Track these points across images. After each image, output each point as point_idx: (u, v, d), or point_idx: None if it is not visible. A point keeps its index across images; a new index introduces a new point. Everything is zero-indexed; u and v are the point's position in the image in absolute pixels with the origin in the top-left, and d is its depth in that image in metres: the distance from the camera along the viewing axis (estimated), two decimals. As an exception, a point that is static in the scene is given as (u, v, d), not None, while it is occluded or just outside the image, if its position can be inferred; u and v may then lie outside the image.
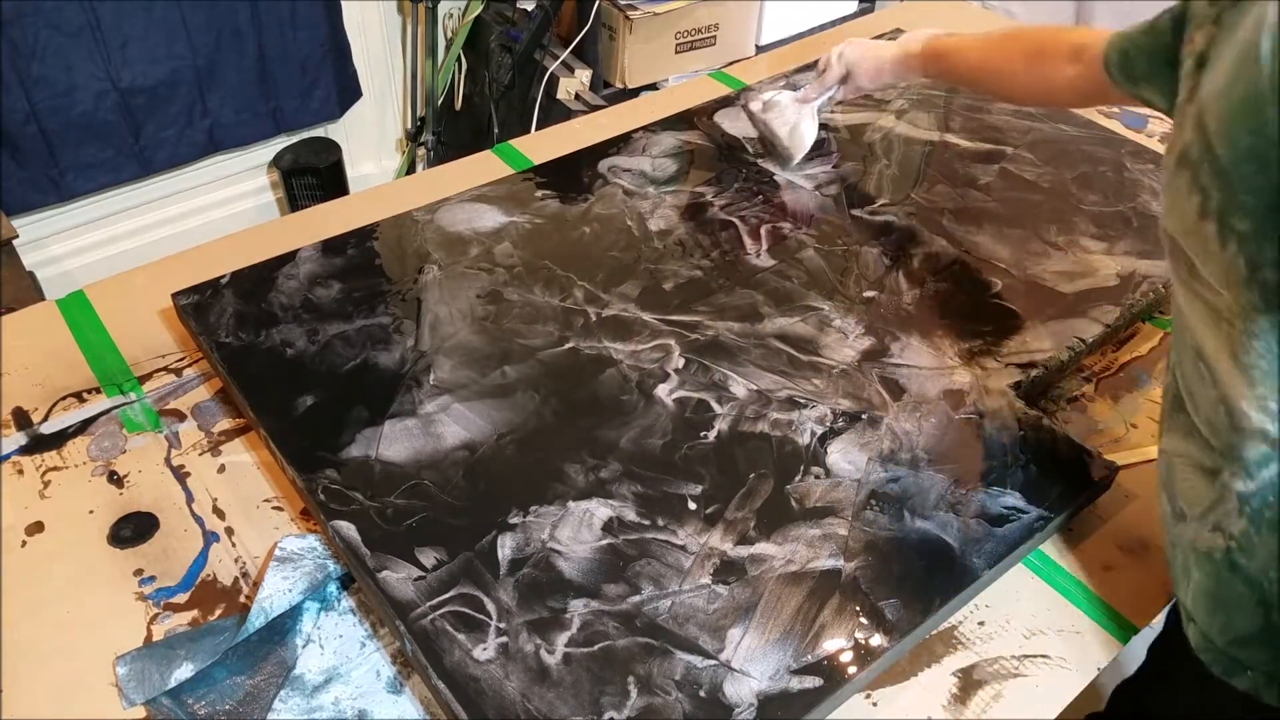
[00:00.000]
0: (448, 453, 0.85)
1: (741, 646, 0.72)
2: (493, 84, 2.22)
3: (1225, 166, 0.57)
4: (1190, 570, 0.69)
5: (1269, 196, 0.54)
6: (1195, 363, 0.64)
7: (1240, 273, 0.57)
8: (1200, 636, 0.70)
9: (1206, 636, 0.69)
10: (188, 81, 1.98)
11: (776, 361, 0.96)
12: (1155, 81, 0.80)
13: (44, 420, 0.94)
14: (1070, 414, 0.99)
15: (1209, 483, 0.66)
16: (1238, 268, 0.57)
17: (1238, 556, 0.64)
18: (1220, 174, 0.57)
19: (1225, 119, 0.56)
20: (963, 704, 0.75)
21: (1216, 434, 0.64)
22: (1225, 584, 0.66)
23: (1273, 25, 0.52)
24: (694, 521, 0.81)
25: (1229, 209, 0.57)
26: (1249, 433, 0.61)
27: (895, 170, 1.24)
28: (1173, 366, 0.69)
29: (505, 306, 1.01)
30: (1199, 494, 0.67)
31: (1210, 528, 0.66)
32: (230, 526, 0.85)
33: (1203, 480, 0.66)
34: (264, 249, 1.08)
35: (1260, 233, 0.56)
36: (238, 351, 0.94)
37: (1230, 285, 0.58)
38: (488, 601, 0.74)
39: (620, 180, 1.20)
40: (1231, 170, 0.56)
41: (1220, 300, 0.60)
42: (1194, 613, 0.70)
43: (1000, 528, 0.82)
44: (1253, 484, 0.62)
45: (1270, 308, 0.57)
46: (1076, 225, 1.15)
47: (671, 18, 2.00)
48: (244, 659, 0.75)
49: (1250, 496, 0.62)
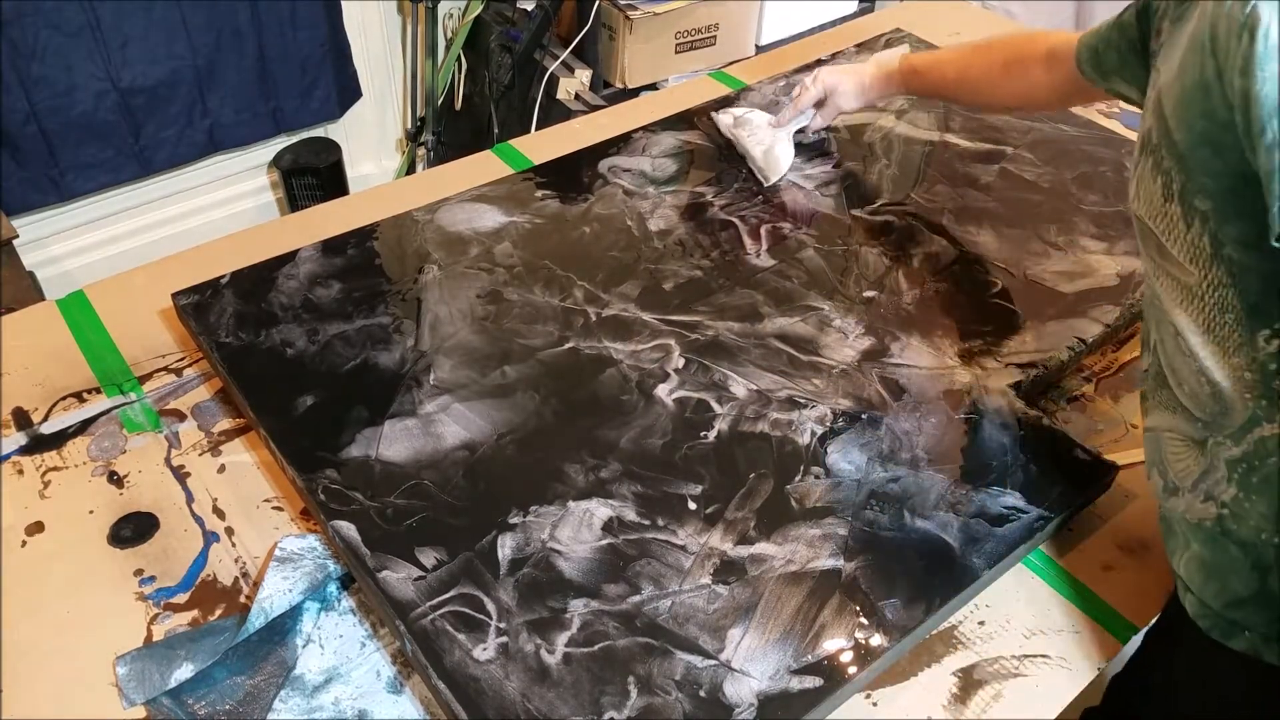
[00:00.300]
0: (448, 453, 0.85)
1: (741, 646, 0.72)
2: (493, 84, 2.22)
3: (1183, 151, 0.59)
4: (1186, 541, 0.70)
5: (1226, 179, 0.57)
6: (1174, 339, 0.66)
7: (1206, 250, 0.60)
8: (1197, 604, 0.71)
9: (1203, 602, 0.70)
10: (188, 81, 1.98)
11: (776, 361, 0.96)
12: (1125, 74, 0.83)
13: (44, 420, 0.94)
14: (1070, 414, 0.99)
15: (1198, 453, 0.67)
16: (1203, 246, 0.60)
17: (1230, 523, 0.65)
18: (1179, 158, 0.60)
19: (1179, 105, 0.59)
20: (963, 704, 0.75)
21: (1200, 405, 0.66)
22: (1219, 550, 0.67)
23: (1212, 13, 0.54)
24: (694, 521, 0.81)
25: (1190, 191, 0.59)
26: (1230, 401, 0.63)
27: (895, 170, 1.24)
28: (1153, 346, 0.71)
29: (505, 306, 1.01)
30: (1188, 466, 0.68)
31: (1202, 498, 0.67)
32: (230, 526, 0.85)
33: (1191, 452, 0.68)
34: (264, 249, 1.08)
35: (1220, 213, 0.58)
36: (238, 351, 0.94)
37: (1198, 263, 0.61)
38: (488, 601, 0.74)
39: (620, 180, 1.20)
40: (1189, 155, 0.59)
41: (1190, 277, 0.62)
42: (1190, 581, 0.71)
43: (1000, 528, 0.82)
44: (1238, 450, 0.64)
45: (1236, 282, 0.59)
46: (1076, 225, 1.15)
47: (671, 18, 2.00)
48: (244, 659, 0.75)
49: (1237, 462, 0.64)
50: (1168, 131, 0.60)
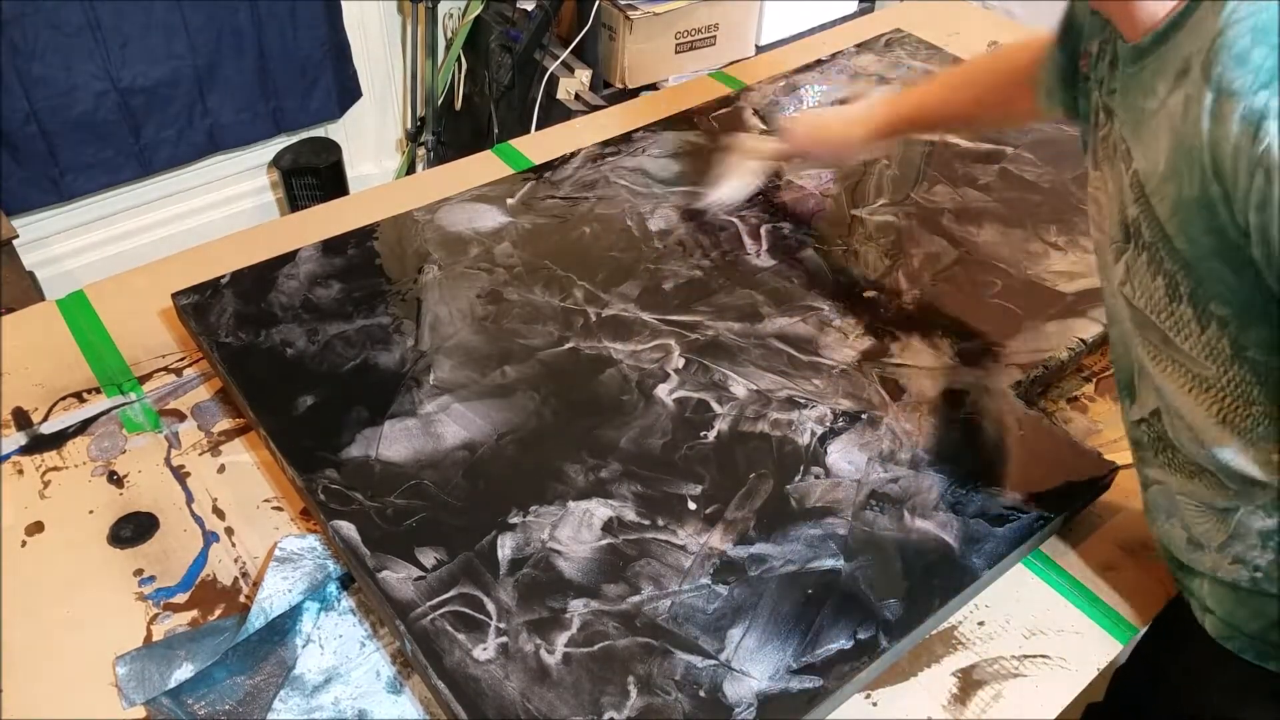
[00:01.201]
0: (448, 453, 0.85)
1: (741, 646, 0.72)
2: (493, 84, 2.22)
3: (1189, 260, 0.55)
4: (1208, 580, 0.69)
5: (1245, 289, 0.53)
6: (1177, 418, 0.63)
7: (1225, 352, 0.57)
8: (1222, 625, 0.69)
9: (1231, 625, 0.68)
10: (188, 81, 1.97)
11: (776, 361, 0.96)
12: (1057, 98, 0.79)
13: (44, 420, 0.93)
14: (1070, 414, 0.99)
15: (1224, 519, 0.65)
16: (1222, 348, 0.57)
17: (1265, 584, 0.64)
18: (1185, 265, 0.56)
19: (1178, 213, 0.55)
20: (963, 704, 0.75)
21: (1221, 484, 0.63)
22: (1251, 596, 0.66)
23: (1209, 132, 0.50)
24: (694, 521, 0.81)
25: (1204, 296, 0.56)
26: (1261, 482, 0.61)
27: (895, 170, 1.24)
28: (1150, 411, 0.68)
29: (505, 306, 1.01)
30: (1211, 529, 0.66)
31: (1230, 560, 0.66)
32: (230, 526, 0.85)
33: (1216, 517, 0.66)
34: (264, 249, 1.08)
35: (1242, 319, 0.55)
36: (238, 351, 0.94)
37: (1216, 361, 0.58)
38: (488, 601, 0.74)
39: (621, 180, 1.20)
40: (1197, 264, 0.55)
41: (1205, 371, 0.59)
42: (1215, 605, 0.69)
43: (1000, 528, 0.82)
44: (1271, 521, 0.62)
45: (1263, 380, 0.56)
46: (1076, 225, 1.15)
47: (671, 18, 2.00)
48: (244, 659, 0.75)
49: (1273, 533, 0.62)
50: (1165, 235, 0.56)
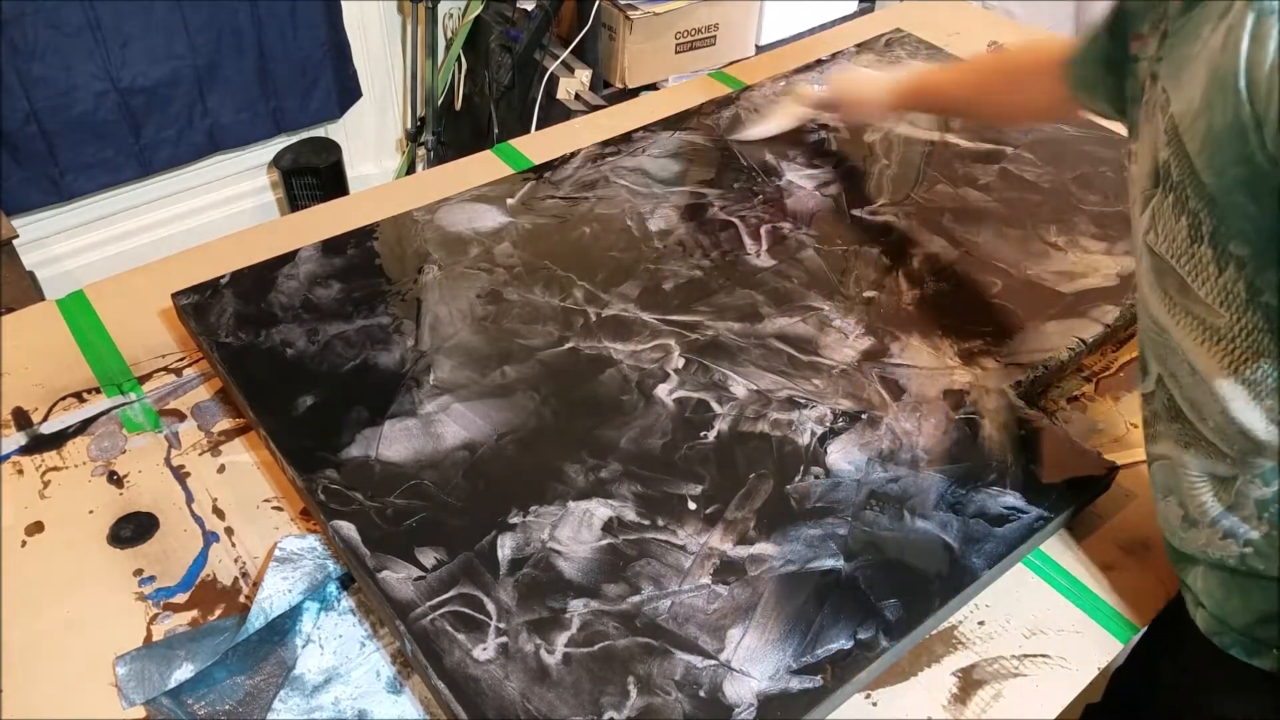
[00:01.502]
0: (448, 453, 0.85)
1: (741, 646, 0.72)
2: (493, 84, 2.22)
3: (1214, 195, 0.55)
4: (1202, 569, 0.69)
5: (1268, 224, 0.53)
6: (1191, 376, 0.63)
7: (1240, 296, 0.57)
8: (1212, 620, 0.69)
9: (1220, 619, 0.68)
10: (188, 81, 1.98)
11: (776, 361, 0.96)
12: (1100, 88, 0.79)
13: (44, 420, 0.94)
14: (1070, 414, 0.99)
15: (1223, 489, 0.65)
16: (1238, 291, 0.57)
17: (1254, 561, 0.64)
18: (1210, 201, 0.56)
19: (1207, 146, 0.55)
20: (963, 704, 0.75)
21: (1229, 442, 0.63)
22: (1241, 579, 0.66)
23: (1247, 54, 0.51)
24: (694, 521, 0.81)
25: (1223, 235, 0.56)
26: (1263, 443, 0.60)
27: (895, 170, 1.24)
28: (1158, 378, 0.68)
29: (505, 306, 1.01)
30: (1209, 500, 0.66)
31: (1221, 534, 0.66)
32: (230, 526, 0.85)
33: (1211, 487, 0.66)
34: (264, 249, 1.08)
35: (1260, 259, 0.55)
36: (238, 351, 0.94)
37: (1230, 307, 0.58)
38: (488, 601, 0.74)
39: (620, 180, 1.20)
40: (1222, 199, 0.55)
41: (1218, 319, 0.59)
42: (1205, 597, 0.69)
43: (1000, 528, 0.82)
44: (1270, 490, 0.62)
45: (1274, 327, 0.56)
46: (1076, 225, 1.15)
47: (671, 18, 2.00)
48: (244, 659, 0.75)
49: (1269, 502, 0.62)
50: (1193, 171, 0.56)
